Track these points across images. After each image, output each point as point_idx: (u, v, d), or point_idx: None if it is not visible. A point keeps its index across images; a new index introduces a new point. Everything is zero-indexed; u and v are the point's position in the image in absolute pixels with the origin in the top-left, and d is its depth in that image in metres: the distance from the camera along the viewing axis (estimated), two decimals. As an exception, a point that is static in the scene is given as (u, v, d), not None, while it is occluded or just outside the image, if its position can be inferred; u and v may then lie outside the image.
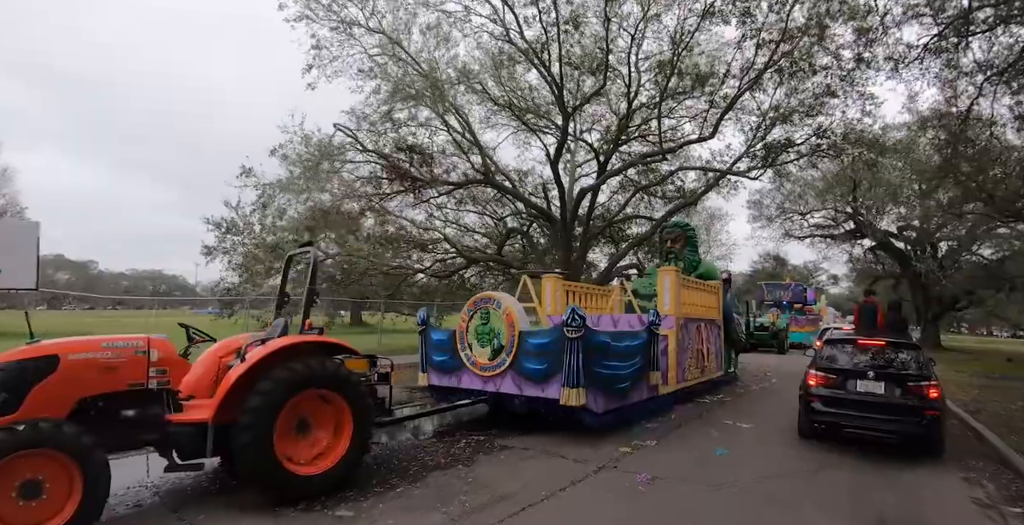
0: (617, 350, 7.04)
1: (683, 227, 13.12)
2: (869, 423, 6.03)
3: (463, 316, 7.75)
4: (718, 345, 11.45)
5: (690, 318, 9.77)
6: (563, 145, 13.86)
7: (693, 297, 10.25)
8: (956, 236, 25.27)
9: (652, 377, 8.04)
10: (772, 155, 15.05)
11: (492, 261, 16.87)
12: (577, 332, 6.33)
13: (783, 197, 30.24)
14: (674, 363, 8.93)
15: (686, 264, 12.63)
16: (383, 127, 13.45)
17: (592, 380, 6.58)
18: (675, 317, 9.02)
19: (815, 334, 29.17)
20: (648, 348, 7.94)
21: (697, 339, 10.09)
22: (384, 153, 13.09)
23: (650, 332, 8.02)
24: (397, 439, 6.91)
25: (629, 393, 7.42)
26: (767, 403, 9.78)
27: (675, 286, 9.09)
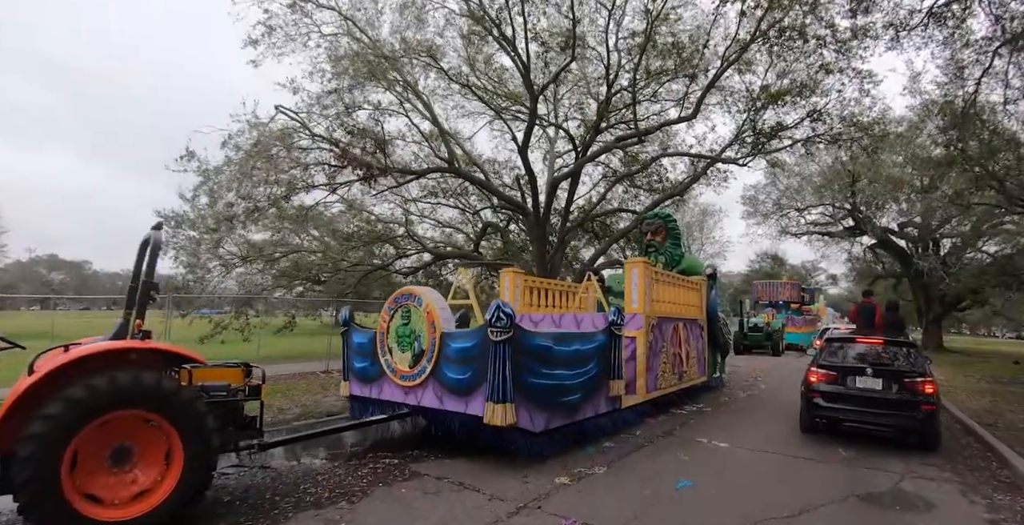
0: (562, 355, 5.79)
1: (664, 218, 11.88)
2: (867, 417, 6.30)
3: (383, 315, 6.51)
4: (700, 348, 10.22)
5: (665, 317, 8.53)
6: (531, 128, 12.62)
7: (670, 294, 9.03)
8: (960, 233, 24.02)
9: (613, 387, 6.80)
10: (762, 140, 13.82)
11: (461, 257, 15.68)
12: (504, 333, 5.09)
13: (779, 193, 29.02)
14: (643, 369, 7.69)
15: (668, 258, 11.45)
16: (336, 110, 12.25)
17: (526, 393, 5.34)
18: (644, 316, 7.78)
19: (813, 335, 27.99)
20: (607, 352, 6.70)
21: (674, 341, 8.86)
22: (332, 139, 11.87)
23: (610, 334, 6.79)
24: (296, 462, 5.68)
25: (580, 407, 6.17)
26: (753, 414, 8.53)
27: (644, 280, 7.86)
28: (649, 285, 8.04)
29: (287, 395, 9.64)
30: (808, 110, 12.94)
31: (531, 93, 12.03)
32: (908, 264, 26.82)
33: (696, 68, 12.08)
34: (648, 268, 7.99)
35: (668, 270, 10.87)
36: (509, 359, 5.10)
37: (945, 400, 10.19)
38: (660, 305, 8.52)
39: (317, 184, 12.84)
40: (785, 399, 10.11)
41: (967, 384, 12.96)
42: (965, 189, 14.30)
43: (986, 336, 74.70)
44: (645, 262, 7.97)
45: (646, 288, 7.92)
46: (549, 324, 8.94)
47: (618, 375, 6.87)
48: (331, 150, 11.97)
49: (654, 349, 8.07)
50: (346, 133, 12.21)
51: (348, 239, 14.96)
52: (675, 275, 9.43)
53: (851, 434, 7.06)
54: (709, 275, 10.92)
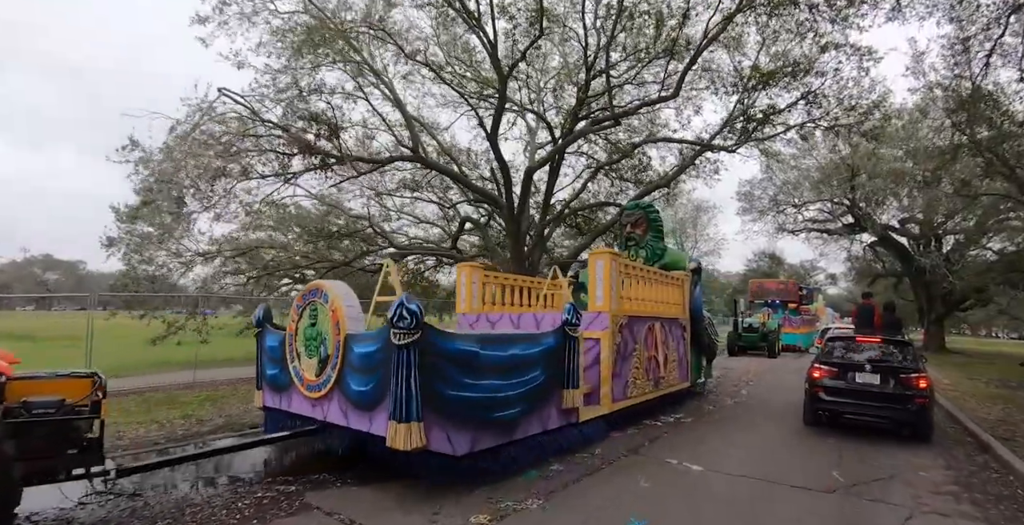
0: (493, 361, 4.76)
1: (644, 208, 10.85)
2: (866, 410, 6.69)
3: (292, 315, 5.51)
4: (682, 350, 9.20)
5: (638, 316, 7.51)
6: (501, 112, 11.58)
7: (645, 290, 8.01)
8: (963, 229, 23.00)
9: (567, 397, 5.78)
10: (753, 126, 12.80)
11: (432, 253, 14.68)
12: (408, 335, 4.06)
13: (776, 188, 28.00)
14: (609, 376, 6.67)
15: (649, 253, 10.43)
16: (289, 94, 11.23)
17: (443, 408, 4.32)
18: (610, 315, 6.76)
19: (812, 335, 26.94)
20: (558, 357, 5.69)
21: (649, 343, 7.84)
22: (282, 124, 10.85)
23: (563, 335, 5.77)
24: (174, 487, 4.71)
25: (520, 423, 5.14)
26: (738, 426, 7.51)
27: (611, 274, 6.83)
28: (617, 279, 7.02)
29: (218, 403, 8.64)
30: (803, 92, 11.90)
31: (500, 74, 11.01)
32: (909, 262, 25.80)
33: (676, 42, 11.04)
34: (615, 260, 6.97)
35: (650, 265, 9.90)
36: (416, 367, 4.08)
37: (953, 406, 9.16)
38: (631, 302, 7.51)
39: (268, 174, 11.81)
40: (777, 407, 9.11)
41: (975, 389, 11.93)
42: (972, 178, 13.27)
43: (987, 337, 73.66)
44: (612, 253, 6.95)
45: (613, 283, 6.90)
46: (507, 325, 7.93)
47: (573, 383, 5.85)
48: (280, 136, 10.94)
49: (623, 352, 7.05)
50: (298, 118, 11.18)
51: (312, 235, 13.95)
52: (651, 269, 8.41)
53: (849, 447, 6.10)
54: (693, 270, 9.90)
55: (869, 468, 5.47)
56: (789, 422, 7.82)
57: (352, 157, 11.55)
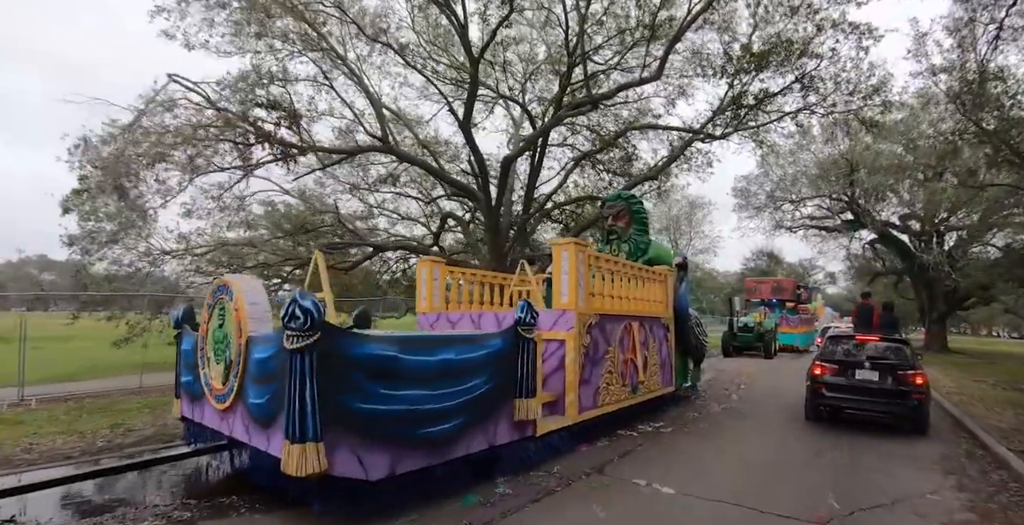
0: (419, 368, 4.04)
1: (627, 199, 10.12)
2: (866, 405, 6.96)
3: (203, 314, 4.77)
4: (665, 352, 8.46)
5: (612, 315, 6.78)
6: (473, 98, 10.80)
7: (620, 286, 7.28)
8: (966, 225, 22.26)
9: (520, 408, 5.04)
10: (744, 112, 12.06)
11: (407, 248, 13.96)
12: (302, 338, 3.33)
13: (773, 184, 27.28)
14: (575, 382, 5.93)
15: (632, 247, 9.72)
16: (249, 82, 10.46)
17: (353, 424, 3.59)
18: (577, 313, 6.02)
19: (810, 335, 26.16)
20: (509, 361, 4.97)
21: (626, 345, 7.11)
22: (237, 112, 10.11)
23: (515, 337, 5.04)
24: (55, 512, 4.01)
25: (458, 439, 4.40)
26: (724, 437, 6.78)
27: (577, 267, 6.09)
28: (585, 273, 6.28)
29: (157, 411, 7.92)
30: (797, 75, 11.14)
31: (470, 56, 10.25)
32: (910, 260, 25.09)
33: (656, 16, 10.25)
34: (582, 251, 6.23)
35: (633, 260, 9.18)
36: (313, 376, 3.34)
37: (960, 412, 8.42)
38: (604, 300, 6.77)
39: (228, 166, 11.07)
40: (769, 413, 8.37)
41: (982, 392, 11.19)
42: (978, 168, 12.51)
43: (987, 336, 72.85)
44: (577, 243, 6.20)
45: (580, 277, 6.16)
46: (468, 325, 7.19)
47: (528, 392, 5.11)
48: (237, 125, 10.19)
49: (593, 355, 6.32)
50: (255, 106, 10.43)
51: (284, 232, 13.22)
52: (628, 263, 7.67)
53: (846, 462, 5.37)
54: (678, 265, 9.17)
55: (869, 490, 4.73)
56: (780, 432, 7.10)
57: (316, 147, 10.81)
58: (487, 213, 12.27)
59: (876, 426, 7.50)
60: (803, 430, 7.25)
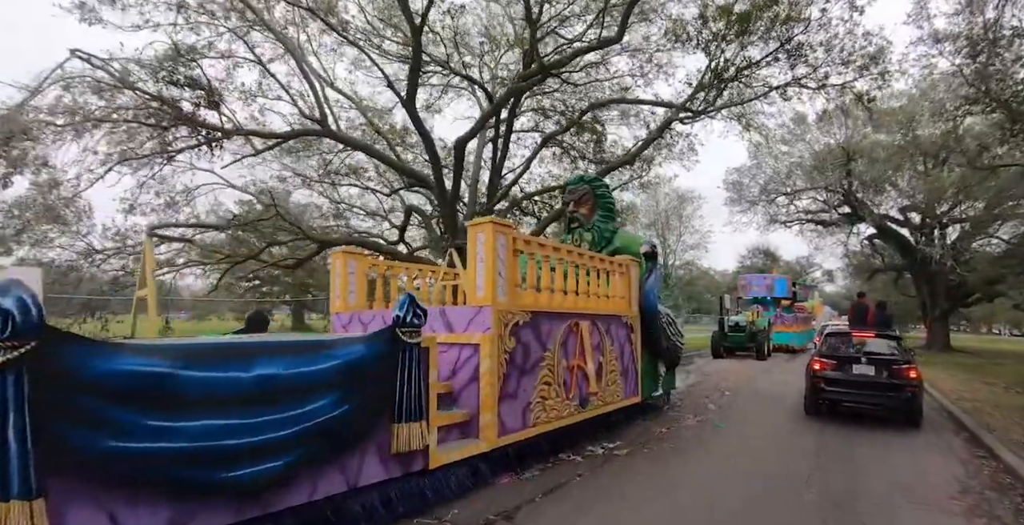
0: (219, 388, 2.81)
1: (590, 182, 8.89)
2: (863, 398, 7.30)
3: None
4: (628, 356, 7.20)
5: (549, 313, 5.52)
6: (417, 72, 9.48)
7: (568, 279, 6.03)
8: (971, 217, 21.00)
9: (400, 435, 3.80)
10: (723, 85, 10.80)
11: (357, 243, 12.69)
12: (9, 350, 2.10)
13: (766, 177, 26.04)
14: (492, 396, 4.67)
15: (595, 236, 8.52)
16: (166, 62, 9.23)
17: (98, 471, 2.37)
18: (495, 310, 4.76)
19: (807, 334, 24.87)
20: (381, 375, 3.73)
21: (571, 349, 5.85)
22: (154, 94, 8.89)
23: (391, 341, 3.81)
24: None
25: (288, 483, 3.15)
26: (689, 462, 5.51)
27: (495, 252, 4.83)
28: (509, 261, 5.02)
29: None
30: (783, 40, 9.87)
31: (411, 25, 8.98)
32: (911, 255, 23.86)
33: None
34: (504, 233, 4.97)
35: (596, 250, 7.98)
36: (22, 404, 2.14)
37: (975, 424, 7.12)
38: (538, 294, 5.52)
39: (147, 153, 9.82)
40: (754, 425, 7.13)
41: (995, 397, 9.91)
42: (990, 143, 11.24)
43: (987, 333, 71.51)
44: (497, 223, 4.93)
45: (502, 265, 4.90)
46: (380, 325, 5.92)
47: (413, 413, 3.86)
48: (147, 107, 8.95)
49: (521, 363, 5.05)
50: (169, 84, 9.18)
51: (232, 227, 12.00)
52: (576, 250, 6.40)
53: (837, 496, 4.12)
54: (645, 254, 7.89)
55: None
56: (763, 452, 5.84)
57: (241, 131, 9.55)
58: (441, 202, 11.03)
59: (877, 448, 6.25)
60: (789, 449, 5.99)
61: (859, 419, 7.81)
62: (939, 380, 12.55)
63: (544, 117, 14.36)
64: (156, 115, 9.17)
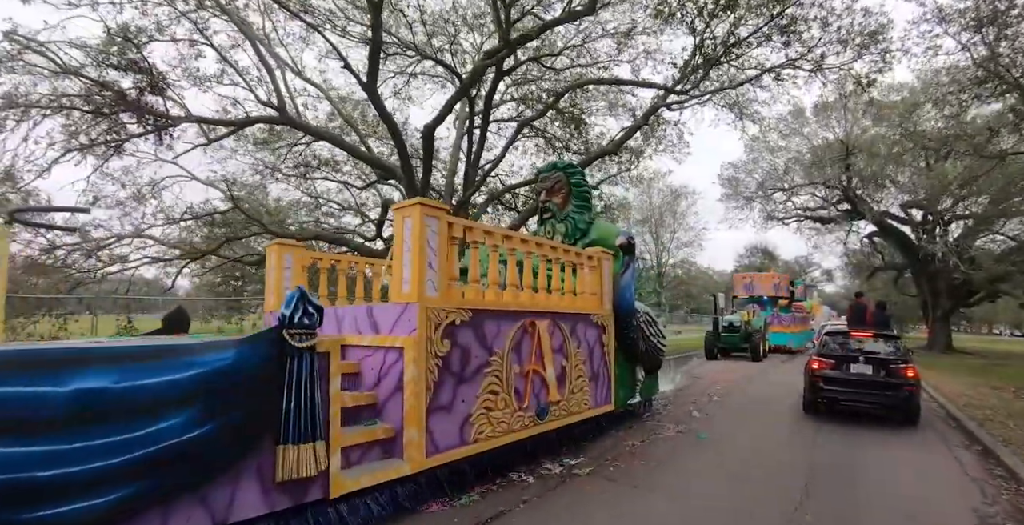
0: (16, 407, 2.08)
1: (564, 169, 8.11)
2: (861, 397, 7.31)
3: None
4: (599, 360, 6.46)
5: (496, 311, 4.79)
6: (377, 51, 8.64)
7: (516, 271, 5.31)
8: (974, 214, 20.23)
9: (286, 460, 3.09)
10: (711, 65, 10.04)
11: (324, 239, 11.93)
12: None
13: (764, 172, 25.31)
14: (419, 409, 3.95)
15: (569, 227, 7.79)
16: (106, 42, 8.51)
17: None
18: (421, 308, 4.03)
19: (805, 334, 24.09)
20: (261, 387, 3.02)
21: (525, 352, 5.11)
22: (84, 74, 8.17)
23: (275, 345, 3.10)
24: None
25: (126, 520, 2.43)
26: (659, 486, 4.78)
27: (422, 239, 4.10)
28: (442, 250, 4.28)
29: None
30: (773, 14, 9.09)
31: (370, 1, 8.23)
32: (912, 252, 23.13)
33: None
34: (434, 216, 4.23)
35: (570, 243, 7.29)
36: None
37: (990, 438, 6.39)
38: (482, 289, 4.79)
39: (87, 143, 9.09)
40: (741, 437, 6.40)
41: (1005, 403, 9.16)
42: (1001, 126, 10.46)
43: (988, 334, 70.64)
44: (427, 204, 4.20)
45: (432, 255, 4.17)
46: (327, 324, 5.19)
47: (306, 433, 3.16)
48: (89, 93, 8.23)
49: (459, 369, 4.32)
50: (109, 67, 8.45)
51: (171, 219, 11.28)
52: (532, 239, 5.67)
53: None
54: (621, 247, 7.13)
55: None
56: (747, 470, 5.10)
57: (190, 117, 8.82)
58: (411, 194, 10.30)
59: (880, 466, 5.52)
60: (778, 468, 5.25)
61: (859, 428, 7.10)
62: (943, 384, 11.81)
63: (525, 106, 13.63)
64: (97, 101, 8.44)
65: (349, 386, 4.33)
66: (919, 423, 7.29)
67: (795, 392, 10.13)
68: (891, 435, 6.76)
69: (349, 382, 4.35)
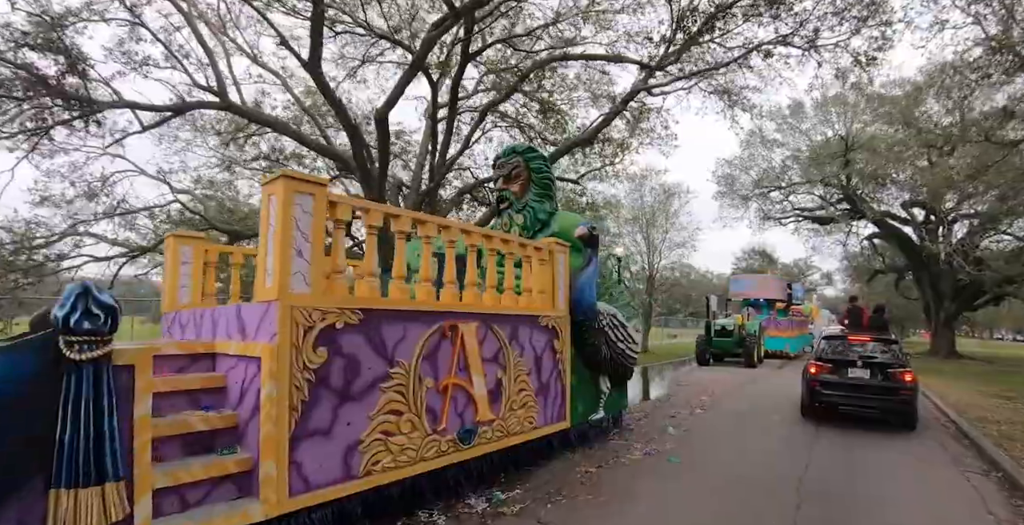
0: None
1: (523, 153, 7.19)
2: (859, 401, 7.25)
3: None
4: (550, 370, 5.54)
5: (403, 312, 3.90)
6: (320, 21, 7.76)
7: (432, 263, 4.42)
8: (981, 213, 19.29)
9: (60, 507, 2.22)
10: (690, 39, 9.11)
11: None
12: None
13: (760, 170, 24.39)
14: (278, 436, 3.06)
15: (528, 218, 6.94)
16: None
17: None
18: (282, 306, 3.13)
19: (803, 339, 23.08)
20: (26, 413, 2.13)
21: (444, 362, 4.22)
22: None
23: (42, 357, 2.29)
24: None
25: None
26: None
27: (290, 221, 3.21)
28: (314, 234, 3.38)
29: None
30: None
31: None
32: (915, 254, 22.19)
33: None
34: (307, 192, 3.33)
35: (528, 235, 6.45)
36: None
37: (1010, 461, 5.47)
38: (375, 285, 3.90)
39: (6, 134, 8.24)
40: (721, 462, 5.45)
41: (1023, 416, 8.21)
42: (1016, 106, 9.51)
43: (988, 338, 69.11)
44: (291, 178, 3.30)
45: (299, 240, 3.28)
46: (207, 325, 4.30)
47: (92, 473, 2.32)
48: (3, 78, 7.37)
49: (342, 384, 3.42)
50: (24, 47, 7.60)
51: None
52: (464, 225, 4.77)
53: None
54: (581, 237, 6.19)
55: None
56: (722, 504, 4.18)
57: (118, 103, 7.96)
58: (364, 185, 9.40)
59: (882, 502, 4.60)
60: (760, 506, 4.33)
61: (860, 447, 6.20)
62: (951, 393, 10.89)
63: (496, 92, 12.75)
64: (5, 84, 7.60)
65: (212, 404, 3.45)
66: (930, 446, 6.42)
67: (788, 403, 9.24)
68: (899, 455, 5.86)
69: (212, 399, 3.47)
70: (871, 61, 9.49)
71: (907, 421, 7.22)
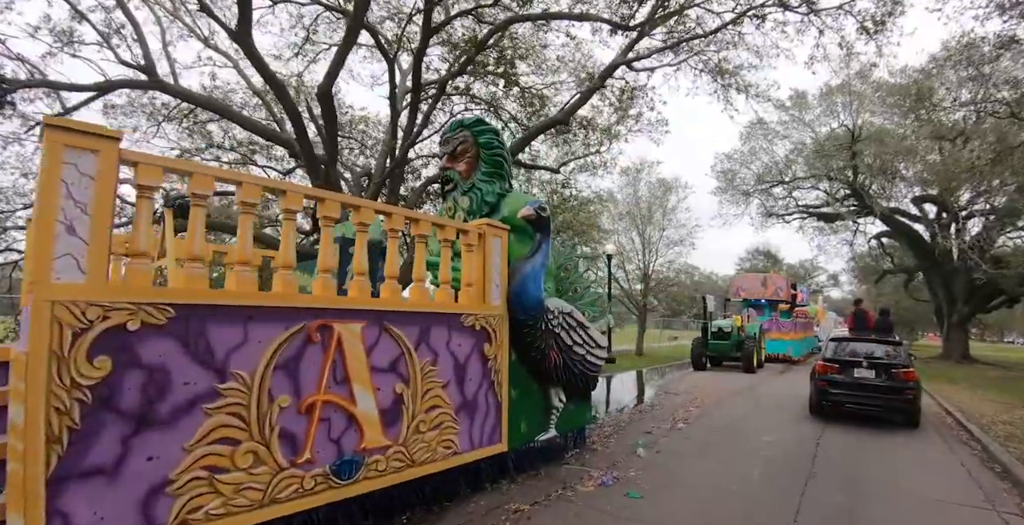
0: None
1: (471, 127, 6.25)
2: (864, 400, 7.60)
3: None
4: (480, 382, 4.63)
5: (241, 308, 3.02)
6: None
7: (291, 248, 3.56)
8: (1000, 207, 18.14)
9: None
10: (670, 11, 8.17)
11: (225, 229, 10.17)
12: None
13: (762, 164, 23.30)
14: (32, 476, 2.17)
15: (475, 201, 6.04)
16: None
17: None
18: (36, 303, 2.26)
19: (808, 342, 21.97)
20: None
21: (311, 374, 3.34)
22: None
23: None
24: None
25: None
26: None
27: (57, 184, 2.33)
28: (101, 202, 2.51)
29: None
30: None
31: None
32: (927, 253, 21.02)
33: None
34: (82, 146, 2.46)
35: (470, 216, 5.59)
36: None
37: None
38: (199, 272, 3.12)
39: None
40: (701, 495, 4.51)
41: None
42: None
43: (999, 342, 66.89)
44: (52, 126, 2.43)
45: (71, 210, 2.41)
46: None
47: None
48: None
49: (137, 406, 2.55)
50: None
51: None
52: (343, 197, 3.88)
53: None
54: (527, 218, 5.25)
55: None
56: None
57: (35, 81, 7.15)
58: (311, 174, 8.52)
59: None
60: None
61: (866, 464, 5.23)
62: (968, 403, 9.88)
63: (486, 84, 11.86)
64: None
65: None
66: (951, 475, 5.39)
67: (786, 416, 8.33)
68: (916, 485, 4.89)
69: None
70: (879, 27, 8.37)
71: (911, 419, 7.59)
